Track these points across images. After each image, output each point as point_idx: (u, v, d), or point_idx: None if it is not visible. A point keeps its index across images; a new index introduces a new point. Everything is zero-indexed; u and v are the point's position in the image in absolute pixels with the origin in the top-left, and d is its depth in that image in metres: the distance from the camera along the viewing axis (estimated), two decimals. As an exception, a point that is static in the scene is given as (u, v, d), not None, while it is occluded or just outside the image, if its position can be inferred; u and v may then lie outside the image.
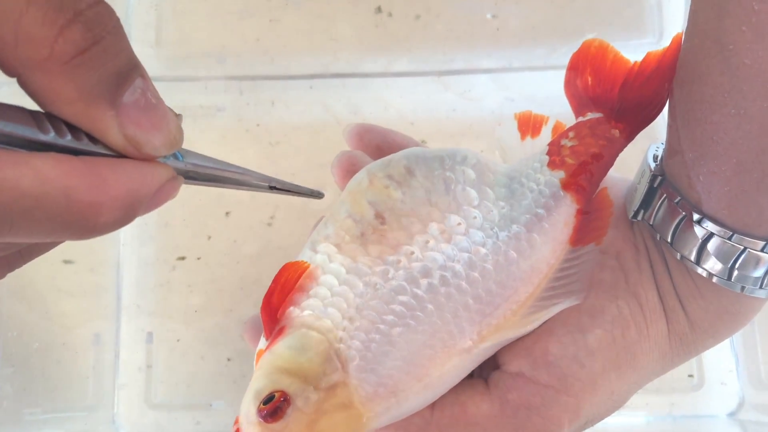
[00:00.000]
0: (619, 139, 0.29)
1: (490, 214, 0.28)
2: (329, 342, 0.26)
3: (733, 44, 0.21)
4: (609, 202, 0.28)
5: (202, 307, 0.43)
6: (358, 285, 0.27)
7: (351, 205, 0.28)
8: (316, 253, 0.28)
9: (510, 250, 0.27)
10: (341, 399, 0.25)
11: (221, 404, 0.42)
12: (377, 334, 0.26)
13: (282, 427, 0.25)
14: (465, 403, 0.27)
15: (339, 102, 0.46)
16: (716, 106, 0.22)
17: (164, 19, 0.47)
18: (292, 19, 0.47)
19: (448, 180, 0.28)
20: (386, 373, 0.26)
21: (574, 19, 0.47)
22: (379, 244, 0.27)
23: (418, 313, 0.26)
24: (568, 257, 0.28)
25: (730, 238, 0.25)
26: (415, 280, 0.27)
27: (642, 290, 0.27)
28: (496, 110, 0.46)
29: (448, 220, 0.28)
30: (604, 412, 0.28)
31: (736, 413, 0.41)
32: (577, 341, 0.27)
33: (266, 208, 0.44)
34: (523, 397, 0.27)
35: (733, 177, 0.23)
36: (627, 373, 0.27)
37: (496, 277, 0.27)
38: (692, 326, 0.27)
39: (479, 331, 0.27)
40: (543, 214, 0.28)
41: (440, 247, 0.27)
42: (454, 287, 0.27)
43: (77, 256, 0.44)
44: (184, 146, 0.20)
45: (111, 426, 0.42)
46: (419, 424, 0.28)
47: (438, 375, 0.26)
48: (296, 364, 0.25)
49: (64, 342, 0.42)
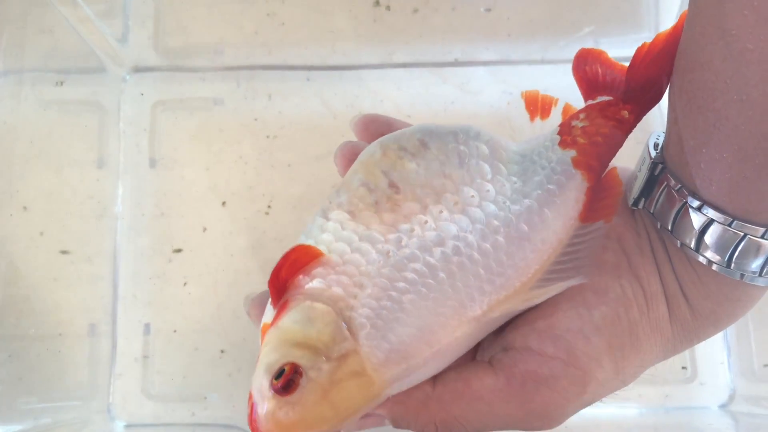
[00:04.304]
0: (629, 119, 0.29)
1: (503, 188, 0.28)
2: (337, 311, 0.26)
3: (735, 29, 0.21)
4: (618, 181, 0.29)
5: (197, 299, 0.43)
6: (371, 252, 0.27)
7: (364, 174, 0.29)
8: (328, 221, 0.28)
9: (522, 224, 0.28)
10: (353, 367, 0.26)
11: (215, 397, 0.42)
12: (388, 301, 0.26)
13: (297, 399, 0.25)
14: (468, 378, 0.27)
15: (336, 95, 0.46)
16: (718, 93, 0.22)
17: (162, 10, 0.47)
18: (291, 11, 0.47)
19: (462, 154, 0.29)
20: (397, 340, 0.26)
21: (571, 13, 0.47)
22: (393, 213, 0.28)
23: (430, 280, 0.27)
24: (577, 233, 0.28)
25: (730, 224, 0.25)
26: (428, 248, 0.27)
27: (644, 273, 0.28)
28: (494, 103, 0.46)
29: (461, 192, 0.28)
30: (609, 391, 0.28)
31: (728, 405, 0.42)
32: (582, 316, 0.27)
33: (262, 200, 0.44)
34: (530, 370, 0.27)
35: (735, 163, 0.23)
36: (631, 354, 0.27)
37: (507, 249, 0.27)
38: (693, 312, 0.27)
39: (488, 301, 0.27)
40: (555, 190, 0.28)
41: (454, 217, 0.28)
42: (466, 257, 0.27)
43: (74, 246, 0.44)
44: (176, 136, 0.20)
45: (107, 416, 0.42)
46: (420, 398, 0.28)
47: (448, 342, 0.27)
48: (304, 337, 0.26)
49: (60, 332, 0.42)
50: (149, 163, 0.45)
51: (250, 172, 0.45)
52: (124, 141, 0.45)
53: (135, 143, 0.45)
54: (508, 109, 0.46)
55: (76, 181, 0.44)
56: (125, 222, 0.44)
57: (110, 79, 0.46)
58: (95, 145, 0.45)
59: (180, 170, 0.45)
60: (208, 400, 0.42)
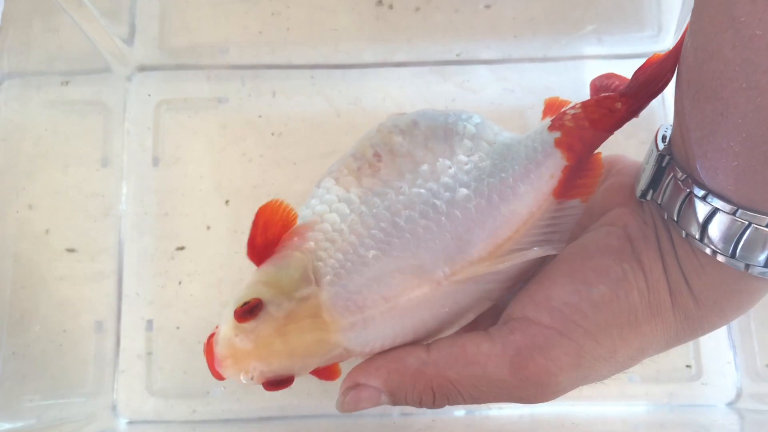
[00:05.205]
0: (621, 110, 0.30)
1: (482, 164, 0.30)
2: (308, 261, 0.28)
3: (744, 16, 0.21)
4: (599, 165, 0.30)
5: (201, 296, 0.43)
6: (346, 211, 0.29)
7: (356, 148, 0.31)
8: (319, 188, 0.31)
9: (493, 195, 0.29)
10: (311, 309, 0.27)
11: (218, 391, 0.42)
12: (354, 255, 0.28)
13: (252, 327, 0.27)
14: (464, 344, 0.28)
15: (340, 93, 0.46)
16: (726, 81, 0.22)
17: (168, 9, 0.47)
18: (295, 11, 0.47)
19: (449, 131, 0.30)
20: (355, 290, 0.28)
21: (573, 11, 0.47)
22: (372, 178, 0.30)
23: (395, 239, 0.28)
24: (552, 210, 0.29)
25: (735, 213, 0.25)
26: (397, 211, 0.29)
27: (646, 259, 0.28)
28: (495, 101, 0.46)
29: (438, 163, 0.30)
30: (605, 372, 0.28)
31: (735, 403, 0.42)
32: (580, 292, 0.27)
33: (267, 198, 0.44)
34: (526, 338, 0.27)
35: (742, 152, 0.23)
36: (630, 336, 0.27)
37: (476, 218, 0.28)
38: (696, 302, 0.27)
39: (452, 265, 0.28)
40: (531, 166, 0.29)
41: (426, 185, 0.29)
42: (434, 222, 0.28)
43: (79, 244, 0.44)
44: (180, 135, 0.22)
45: (111, 412, 0.42)
46: (415, 364, 0.28)
47: (406, 300, 0.28)
48: (275, 279, 0.28)
49: (65, 329, 0.43)
50: (153, 162, 0.45)
51: (254, 170, 0.45)
52: (128, 140, 0.46)
53: (139, 142, 0.46)
54: (520, 111, 0.46)
55: (81, 179, 0.45)
56: (129, 220, 0.45)
57: (115, 78, 0.46)
58: (100, 144, 0.45)
59: (184, 168, 0.45)
60: (210, 396, 0.42)
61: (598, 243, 0.29)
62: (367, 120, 0.46)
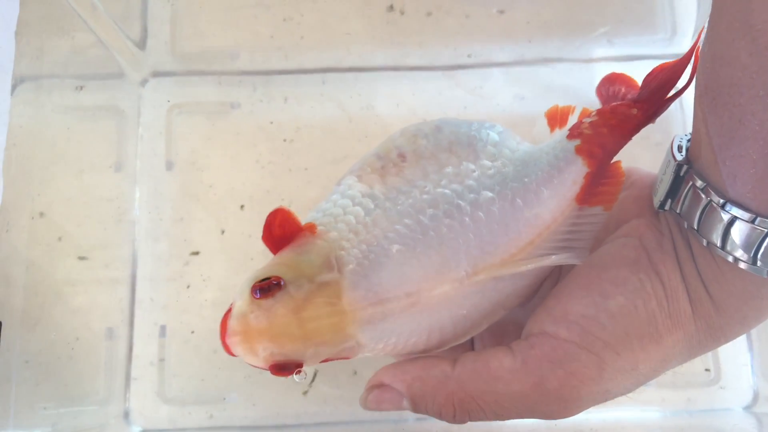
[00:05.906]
0: (637, 115, 0.31)
1: (505, 169, 0.30)
2: (331, 249, 0.28)
3: (760, 24, 0.21)
4: (621, 172, 0.30)
5: (215, 301, 0.43)
6: (370, 206, 0.29)
7: (380, 149, 0.31)
8: (340, 185, 0.31)
9: (517, 198, 0.29)
10: (331, 295, 0.27)
11: (234, 398, 0.42)
12: (378, 247, 0.28)
13: (270, 305, 0.27)
14: (487, 360, 0.28)
15: (351, 98, 0.46)
16: (744, 88, 0.23)
17: (179, 14, 0.47)
18: (306, 16, 0.47)
19: (472, 138, 0.31)
20: (377, 281, 0.27)
21: (586, 14, 0.47)
22: (397, 177, 0.30)
23: (419, 236, 0.28)
24: (574, 216, 0.30)
25: (753, 221, 0.25)
26: (422, 209, 0.29)
27: (664, 269, 0.28)
28: (507, 107, 0.46)
29: (463, 166, 0.30)
30: (629, 385, 0.28)
31: (752, 406, 0.41)
32: (598, 304, 0.27)
33: (280, 203, 0.44)
34: (545, 352, 0.27)
35: (760, 159, 0.23)
36: (650, 346, 0.27)
37: (500, 220, 0.29)
38: (717, 309, 0.27)
39: (474, 265, 0.28)
40: (554, 172, 0.30)
41: (450, 186, 0.29)
42: (458, 222, 0.28)
43: (92, 251, 0.44)
44: (193, 140, 0.22)
45: (124, 420, 0.42)
46: (439, 377, 0.28)
47: (426, 297, 0.28)
48: (296, 262, 0.28)
49: (77, 336, 0.42)
50: (166, 167, 0.45)
51: (267, 175, 0.45)
52: (142, 145, 0.46)
53: (152, 147, 0.45)
54: (533, 117, 0.46)
55: (94, 185, 0.45)
56: (143, 225, 0.44)
57: (129, 83, 0.46)
58: (113, 149, 0.45)
59: (197, 174, 0.45)
60: (226, 402, 0.42)
61: (614, 255, 0.29)
62: (380, 125, 0.45)
